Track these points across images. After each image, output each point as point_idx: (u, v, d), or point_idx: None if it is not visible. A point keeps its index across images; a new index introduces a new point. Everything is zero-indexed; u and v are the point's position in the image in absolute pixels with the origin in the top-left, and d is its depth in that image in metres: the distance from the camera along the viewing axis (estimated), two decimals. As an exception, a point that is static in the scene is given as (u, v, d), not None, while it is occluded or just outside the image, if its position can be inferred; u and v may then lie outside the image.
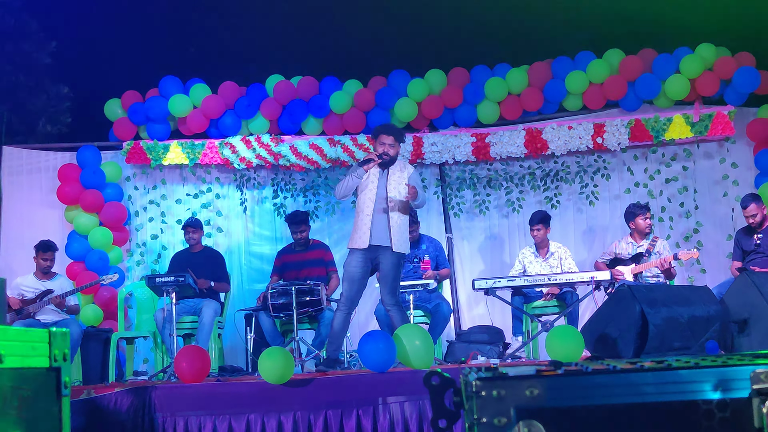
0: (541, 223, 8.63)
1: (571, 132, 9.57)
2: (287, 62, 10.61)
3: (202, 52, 11.56)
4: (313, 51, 11.37)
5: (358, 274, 6.81)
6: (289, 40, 11.35)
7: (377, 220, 6.80)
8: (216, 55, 11.48)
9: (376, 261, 6.86)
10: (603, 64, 9.59)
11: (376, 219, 6.80)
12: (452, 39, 11.39)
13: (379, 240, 6.79)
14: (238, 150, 9.72)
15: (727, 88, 9.42)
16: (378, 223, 6.80)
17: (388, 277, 6.82)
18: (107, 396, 5.38)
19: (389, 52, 11.16)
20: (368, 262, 6.85)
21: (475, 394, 1.76)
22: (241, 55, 11.35)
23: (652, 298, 6.14)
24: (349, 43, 11.35)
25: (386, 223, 6.81)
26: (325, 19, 11.54)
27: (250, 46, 11.36)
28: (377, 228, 6.79)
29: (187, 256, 8.84)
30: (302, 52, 11.27)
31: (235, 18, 11.73)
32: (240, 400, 5.31)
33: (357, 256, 6.81)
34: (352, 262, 6.81)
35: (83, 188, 9.64)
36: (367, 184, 6.86)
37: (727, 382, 1.74)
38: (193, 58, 11.36)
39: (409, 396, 5.26)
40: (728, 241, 9.27)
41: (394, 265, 6.82)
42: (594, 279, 7.48)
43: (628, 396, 1.73)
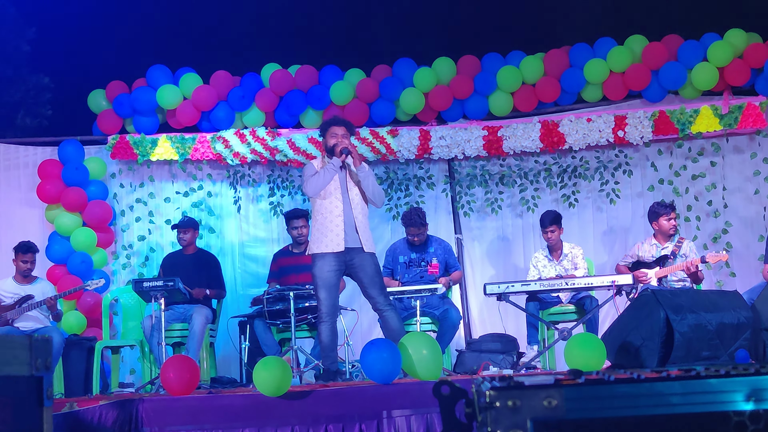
0: (554, 224, 8.60)
1: (590, 125, 9.57)
2: (284, 50, 10.62)
3: (192, 39, 11.56)
4: (313, 38, 11.39)
5: (335, 279, 6.84)
6: (287, 27, 11.36)
7: (347, 222, 6.85)
8: (208, 43, 11.49)
9: (349, 264, 6.88)
10: (624, 51, 9.59)
11: (347, 221, 6.85)
12: (462, 25, 11.41)
13: (350, 242, 6.84)
14: (231, 144, 9.73)
15: (758, 77, 9.41)
16: (347, 226, 6.84)
17: (375, 279, 6.87)
18: (91, 409, 5.39)
19: (394, 40, 11.17)
20: (341, 265, 6.87)
21: (488, 405, 1.76)
22: (235, 43, 11.36)
23: (678, 303, 6.14)
24: (351, 29, 11.36)
25: (353, 224, 6.86)
26: (325, 4, 11.55)
27: (245, 33, 11.37)
28: (348, 230, 6.83)
29: (179, 259, 8.85)
30: (300, 40, 11.29)
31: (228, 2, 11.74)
32: (233, 413, 5.32)
33: (330, 260, 6.80)
34: (325, 267, 6.80)
35: (65, 186, 9.64)
36: (329, 185, 6.87)
37: (760, 392, 1.74)
38: (183, 45, 11.35)
39: (416, 409, 5.26)
40: (760, 242, 9.27)
41: (375, 266, 6.91)
42: (615, 283, 7.48)
43: (654, 407, 1.73)
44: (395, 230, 9.85)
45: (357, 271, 6.89)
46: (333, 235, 6.80)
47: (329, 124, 7.06)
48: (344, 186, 6.92)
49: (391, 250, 8.73)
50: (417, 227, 8.50)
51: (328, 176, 6.82)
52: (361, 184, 6.88)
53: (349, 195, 6.91)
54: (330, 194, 6.86)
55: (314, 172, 6.89)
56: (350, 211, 6.87)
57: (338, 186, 6.88)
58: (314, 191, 6.85)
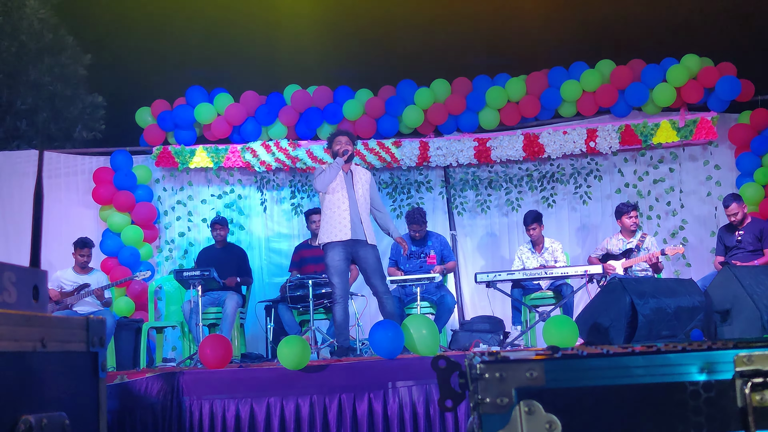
0: (535, 222, 8.60)
1: (566, 137, 9.56)
2: (304, 73, 10.62)
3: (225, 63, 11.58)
4: (328, 62, 11.39)
5: (344, 266, 6.87)
6: (305, 53, 11.36)
7: (353, 216, 6.87)
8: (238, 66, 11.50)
9: (354, 253, 6.90)
10: (595, 73, 9.57)
11: (353, 215, 6.88)
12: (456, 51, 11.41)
13: (356, 234, 6.86)
14: (258, 154, 9.73)
15: (710, 95, 9.40)
16: (353, 219, 6.86)
17: (377, 268, 6.90)
18: (139, 381, 5.39)
19: (397, 63, 11.17)
20: (349, 254, 6.89)
21: (479, 376, 1.76)
22: (261, 66, 11.37)
23: (641, 290, 6.12)
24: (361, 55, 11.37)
25: (359, 219, 6.88)
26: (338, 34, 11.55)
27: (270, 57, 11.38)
28: (354, 223, 6.86)
29: (213, 252, 8.85)
30: (317, 63, 11.29)
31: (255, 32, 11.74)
32: (261, 384, 5.32)
33: (339, 249, 6.82)
34: (336, 256, 6.82)
35: (116, 189, 9.66)
36: (337, 184, 6.91)
37: (712, 365, 1.74)
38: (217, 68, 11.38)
39: (417, 380, 5.25)
40: (711, 237, 9.26)
41: (377, 257, 6.93)
42: (587, 273, 7.49)
43: (620, 378, 1.73)
44: (399, 227, 9.83)
45: (361, 261, 6.92)
46: (341, 226, 6.83)
47: (334, 135, 7.15)
48: (349, 185, 6.96)
49: (395, 243, 8.72)
50: (418, 224, 8.51)
51: (333, 172, 6.86)
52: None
53: (355, 193, 6.94)
54: (336, 191, 6.89)
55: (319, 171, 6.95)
56: (355, 206, 6.91)
57: (344, 185, 6.92)
58: (322, 186, 6.88)
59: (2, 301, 1.73)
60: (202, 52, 11.50)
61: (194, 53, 11.47)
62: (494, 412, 1.74)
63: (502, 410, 1.74)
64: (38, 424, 1.65)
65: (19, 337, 1.64)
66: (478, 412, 1.76)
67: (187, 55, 11.54)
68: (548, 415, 1.73)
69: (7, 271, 1.77)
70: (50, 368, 1.75)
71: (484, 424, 1.75)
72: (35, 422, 1.64)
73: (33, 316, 1.71)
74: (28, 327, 1.68)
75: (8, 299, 1.76)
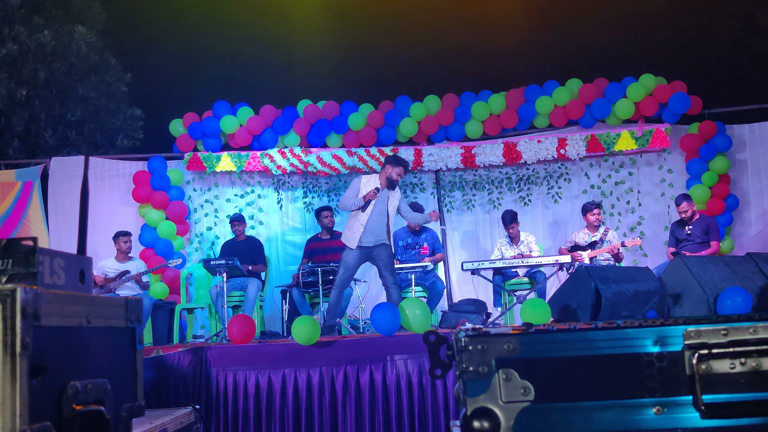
0: (513, 222, 8.55)
1: (540, 145, 9.55)
2: (314, 89, 10.63)
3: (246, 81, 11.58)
4: (335, 81, 11.39)
5: (353, 263, 6.97)
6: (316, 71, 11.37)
7: (378, 225, 6.92)
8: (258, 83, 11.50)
9: (369, 256, 6.99)
10: (565, 90, 9.57)
11: (377, 223, 6.92)
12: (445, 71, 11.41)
13: (378, 240, 6.94)
14: (275, 160, 9.73)
15: (664, 109, 9.39)
16: (378, 227, 6.93)
17: (388, 264, 6.95)
18: (172, 355, 5.39)
19: (395, 81, 11.18)
20: (363, 257, 7.00)
21: (463, 348, 1.77)
22: (278, 83, 11.38)
23: (605, 276, 6.12)
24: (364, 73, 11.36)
25: (385, 228, 6.96)
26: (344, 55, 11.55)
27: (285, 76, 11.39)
28: (377, 231, 6.92)
29: (233, 244, 8.85)
30: (326, 81, 11.29)
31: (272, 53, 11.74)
32: (277, 357, 5.32)
33: (355, 252, 6.94)
34: (350, 254, 6.95)
35: (153, 190, 9.66)
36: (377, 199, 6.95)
37: (664, 339, 1.74)
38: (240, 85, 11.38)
39: (411, 354, 5.25)
40: (665, 231, 9.26)
41: (390, 255, 6.98)
42: (558, 262, 7.47)
43: (585, 349, 1.73)
44: (398, 222, 9.83)
45: (375, 259, 7.00)
46: (353, 237, 6.92)
47: (400, 163, 7.00)
48: (386, 202, 6.99)
49: (393, 237, 8.71)
50: (420, 212, 8.52)
51: (352, 206, 6.92)
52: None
53: (387, 207, 6.99)
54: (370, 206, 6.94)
55: (352, 195, 6.96)
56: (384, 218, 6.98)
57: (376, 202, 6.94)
58: (342, 208, 7.06)
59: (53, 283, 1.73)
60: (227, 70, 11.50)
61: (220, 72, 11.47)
62: (477, 379, 1.74)
63: (483, 377, 1.74)
64: (84, 389, 1.65)
65: (68, 314, 1.64)
66: (463, 379, 1.76)
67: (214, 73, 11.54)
68: (523, 381, 1.73)
69: (57, 258, 1.77)
70: (94, 341, 1.75)
71: (468, 389, 1.75)
72: (81, 387, 1.64)
73: (79, 296, 1.71)
74: (75, 305, 1.68)
75: (58, 281, 1.76)
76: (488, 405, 1.73)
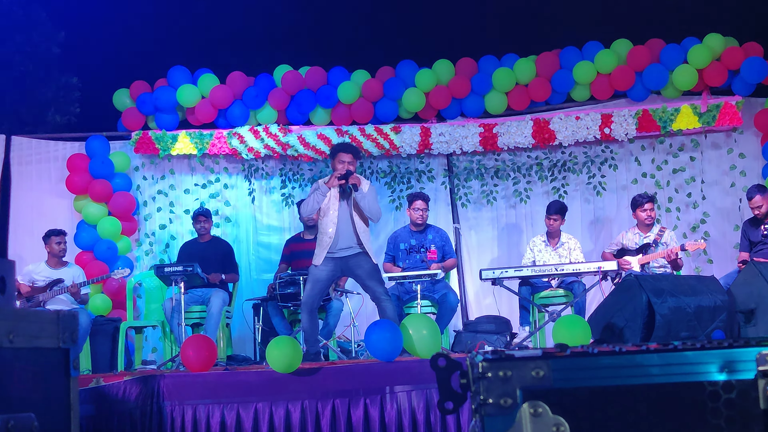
0: (558, 214, 8.58)
1: (579, 122, 9.56)
2: (295, 52, 10.63)
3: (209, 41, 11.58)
4: (321, 41, 11.39)
5: (322, 276, 6.99)
6: (297, 30, 11.36)
7: (343, 232, 6.96)
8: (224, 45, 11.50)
9: (344, 267, 7.03)
10: (610, 54, 9.57)
11: (342, 231, 6.96)
12: (460, 29, 11.41)
13: (348, 248, 6.97)
14: (246, 140, 9.73)
15: (735, 78, 9.40)
16: (345, 235, 6.96)
17: (373, 272, 6.99)
18: (116, 384, 5.40)
19: (397, 42, 11.18)
20: (338, 270, 7.04)
21: (481, 376, 1.77)
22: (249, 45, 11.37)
23: (659, 287, 6.14)
24: (357, 32, 11.37)
25: (353, 233, 6.97)
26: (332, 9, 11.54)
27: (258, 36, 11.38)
28: (344, 238, 6.96)
29: (196, 246, 8.85)
30: (310, 42, 11.29)
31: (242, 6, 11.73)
32: (248, 388, 5.33)
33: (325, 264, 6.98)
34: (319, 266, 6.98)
35: (92, 178, 9.66)
36: (329, 206, 6.99)
37: (732, 364, 1.75)
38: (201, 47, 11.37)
39: (417, 385, 5.26)
40: (735, 231, 9.26)
41: (372, 262, 7.01)
42: (601, 269, 7.48)
43: (634, 377, 1.74)
44: (397, 219, 9.86)
45: (353, 270, 7.03)
46: (321, 251, 6.97)
47: (338, 150, 7.13)
48: (350, 202, 7.00)
49: (392, 237, 8.72)
50: (424, 200, 8.52)
51: (314, 203, 7.01)
52: (359, 205, 6.95)
53: (350, 207, 7.00)
54: (326, 214, 7.00)
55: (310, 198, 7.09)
56: (350, 221, 6.98)
57: (336, 206, 6.98)
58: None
59: (-35, 292, 1.73)
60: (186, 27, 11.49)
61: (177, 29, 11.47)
62: (497, 414, 1.75)
63: (505, 412, 1.74)
64: (4, 426, 1.65)
65: (-16, 332, 1.65)
66: (481, 414, 1.77)
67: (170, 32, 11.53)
68: (555, 417, 1.73)
69: (-29, 261, 1.77)
70: (17, 365, 1.75)
71: (486, 426, 1.75)
72: (1, 424, 1.64)
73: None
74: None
75: (-28, 291, 1.76)
76: (512, 447, 1.74)
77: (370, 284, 6.96)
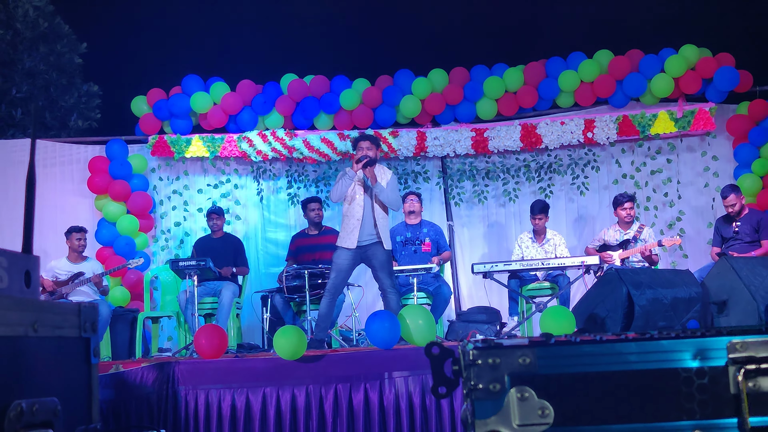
0: (542, 213, 8.60)
1: (564, 127, 9.56)
2: (300, 62, 10.61)
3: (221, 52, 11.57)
4: (325, 51, 11.38)
5: (346, 266, 6.97)
6: (302, 41, 11.36)
7: (367, 221, 6.95)
8: (235, 55, 11.49)
9: (364, 256, 6.99)
10: (593, 64, 9.57)
11: (366, 220, 6.95)
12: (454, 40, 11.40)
13: (369, 239, 6.94)
14: (255, 144, 9.73)
15: (708, 86, 9.39)
16: (366, 225, 6.95)
17: (385, 265, 6.95)
18: (134, 370, 5.40)
19: (395, 53, 11.17)
20: (358, 259, 7.00)
21: (472, 363, 1.77)
22: (258, 54, 11.36)
23: (638, 280, 6.14)
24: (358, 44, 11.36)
25: (373, 223, 6.95)
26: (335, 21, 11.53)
27: (266, 46, 11.37)
28: (367, 228, 6.94)
29: (209, 242, 8.85)
30: (314, 52, 11.28)
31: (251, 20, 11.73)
32: (256, 374, 5.32)
33: (346, 253, 6.95)
34: (342, 256, 6.96)
35: (112, 179, 9.65)
36: (354, 191, 6.98)
37: (705, 352, 1.75)
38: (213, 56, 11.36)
39: (413, 371, 5.26)
40: (709, 228, 9.26)
41: (387, 256, 6.97)
42: (584, 263, 7.48)
43: (614, 364, 1.74)
44: (394, 216, 9.84)
45: (370, 260, 6.98)
46: (351, 236, 6.91)
47: (357, 140, 7.15)
48: (370, 191, 7.00)
49: (390, 232, 8.72)
50: (416, 194, 8.57)
51: (343, 187, 6.96)
52: (379, 195, 6.93)
53: (372, 199, 6.98)
54: (353, 200, 6.97)
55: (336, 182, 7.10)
56: (371, 212, 6.97)
57: (362, 192, 6.98)
58: (335, 198, 7.05)
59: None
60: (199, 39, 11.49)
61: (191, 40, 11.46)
62: (487, 398, 1.75)
63: (494, 396, 1.74)
64: (29, 409, 1.65)
65: (11, 322, 1.64)
66: (471, 398, 1.77)
67: (184, 43, 11.53)
68: (541, 401, 1.73)
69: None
70: (42, 353, 1.75)
71: (477, 410, 1.75)
72: (26, 407, 1.64)
73: (24, 301, 1.71)
74: (20, 311, 1.68)
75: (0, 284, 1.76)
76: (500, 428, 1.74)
77: (381, 275, 6.94)
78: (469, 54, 10.55)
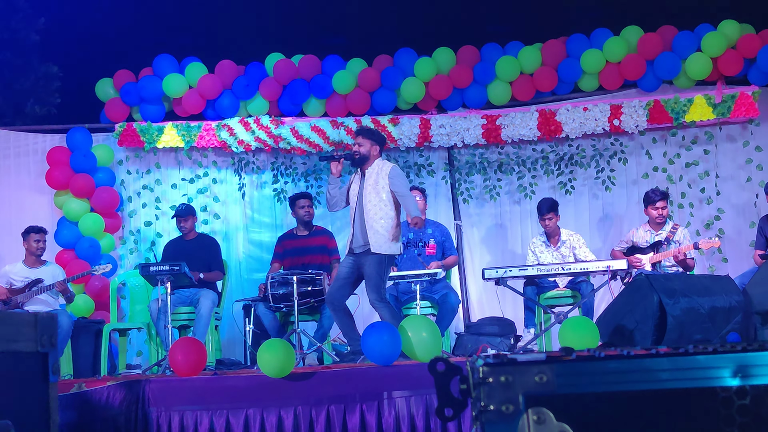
0: (552, 212, 8.59)
1: (587, 114, 9.56)
2: (288, 40, 10.59)
3: (197, 29, 11.55)
4: (315, 28, 11.36)
5: (344, 272, 7.14)
6: (290, 17, 11.33)
7: (358, 226, 7.09)
8: (213, 32, 11.47)
9: (360, 264, 7.10)
10: (620, 42, 9.57)
11: (357, 225, 7.10)
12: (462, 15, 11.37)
13: (362, 245, 7.05)
14: (236, 132, 9.73)
15: (751, 67, 9.40)
16: (356, 229, 7.10)
17: (371, 276, 7.01)
18: (99, 390, 5.40)
19: (395, 30, 11.14)
20: (355, 266, 7.13)
21: (482, 381, 1.77)
22: (240, 32, 11.34)
23: (671, 287, 6.14)
24: (353, 20, 11.33)
25: (362, 227, 7.04)
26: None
27: (249, 23, 11.35)
28: (359, 233, 7.08)
29: (181, 244, 8.86)
30: (304, 30, 11.26)
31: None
32: (238, 394, 5.33)
33: (346, 258, 7.20)
34: (344, 263, 7.24)
35: (73, 172, 9.64)
36: (353, 192, 7.16)
37: (746, 369, 1.74)
38: (189, 34, 11.35)
39: (416, 390, 5.27)
40: (751, 228, 9.27)
41: (376, 265, 6.99)
42: (610, 268, 7.47)
43: (642, 382, 1.74)
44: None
45: (361, 268, 7.10)
46: (347, 241, 7.18)
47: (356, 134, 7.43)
48: (361, 192, 7.11)
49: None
50: (420, 190, 8.58)
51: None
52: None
53: (363, 200, 7.07)
54: (352, 199, 7.21)
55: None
56: (361, 214, 7.08)
57: (355, 195, 7.16)
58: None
59: (-62, 293, 1.73)
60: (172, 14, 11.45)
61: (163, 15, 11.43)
62: (499, 421, 1.75)
63: (507, 419, 1.75)
64: (-21, 434, 1.65)
65: (-42, 335, 1.64)
66: (481, 421, 1.77)
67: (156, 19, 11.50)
68: (560, 424, 1.73)
69: (-56, 260, 1.77)
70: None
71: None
72: (-24, 431, 1.64)
73: (-26, 311, 1.71)
74: (-32, 323, 1.68)
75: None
76: (514, 455, 1.74)
77: (366, 288, 7.08)
78: (479, 31, 10.55)
